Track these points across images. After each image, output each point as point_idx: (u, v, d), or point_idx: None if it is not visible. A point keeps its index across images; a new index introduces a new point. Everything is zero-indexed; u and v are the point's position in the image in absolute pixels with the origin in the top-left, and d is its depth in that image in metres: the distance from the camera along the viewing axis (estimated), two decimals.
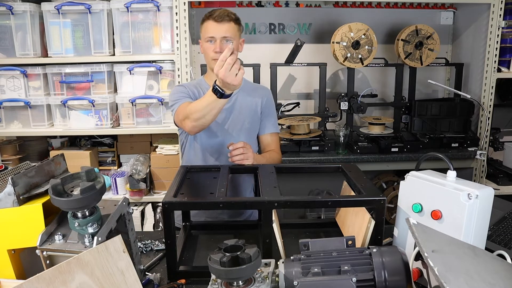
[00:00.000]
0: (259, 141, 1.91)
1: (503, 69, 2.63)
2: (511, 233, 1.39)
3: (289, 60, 2.55)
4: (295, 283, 0.97)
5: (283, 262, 1.04)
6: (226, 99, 1.47)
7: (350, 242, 1.10)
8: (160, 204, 1.98)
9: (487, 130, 2.64)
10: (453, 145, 2.60)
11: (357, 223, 1.36)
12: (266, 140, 1.89)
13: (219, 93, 1.43)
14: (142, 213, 2.69)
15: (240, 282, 0.99)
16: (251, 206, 1.50)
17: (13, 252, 1.14)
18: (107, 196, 2.55)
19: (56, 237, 1.06)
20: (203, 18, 1.77)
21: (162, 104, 2.55)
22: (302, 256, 1.05)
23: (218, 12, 1.72)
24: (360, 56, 2.53)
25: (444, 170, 1.21)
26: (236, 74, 1.39)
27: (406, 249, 1.19)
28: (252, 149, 1.73)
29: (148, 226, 2.69)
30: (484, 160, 2.62)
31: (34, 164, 1.26)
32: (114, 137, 2.82)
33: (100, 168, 2.80)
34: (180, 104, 1.70)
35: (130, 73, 2.53)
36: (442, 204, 1.14)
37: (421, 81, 2.87)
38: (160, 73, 2.54)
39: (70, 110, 2.55)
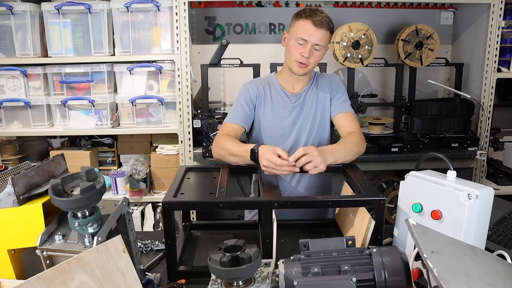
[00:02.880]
0: (335, 125, 1.81)
1: (503, 69, 2.63)
2: (511, 233, 1.39)
3: None
4: (295, 283, 0.97)
5: (283, 262, 1.04)
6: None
7: (350, 242, 1.10)
8: (160, 204, 1.98)
9: (487, 130, 2.64)
10: (453, 145, 2.60)
11: (357, 223, 1.36)
12: (339, 121, 1.76)
13: (253, 158, 1.48)
14: (142, 213, 2.69)
15: (240, 282, 1.00)
16: (251, 206, 1.51)
17: (13, 252, 1.14)
18: (107, 196, 2.55)
19: (56, 237, 1.06)
20: (300, 14, 1.68)
21: (162, 104, 2.55)
22: (302, 256, 1.05)
23: (320, 17, 1.64)
24: (360, 56, 2.53)
25: (444, 170, 1.21)
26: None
27: (406, 249, 1.19)
28: (321, 142, 1.77)
29: (148, 226, 2.69)
30: (484, 160, 2.62)
31: (34, 164, 1.26)
32: (114, 137, 2.81)
33: (100, 168, 2.80)
34: (227, 124, 1.75)
35: (130, 73, 2.53)
36: (442, 204, 1.14)
37: (421, 81, 2.87)
38: (160, 73, 2.54)
39: (70, 110, 2.55)
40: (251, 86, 1.81)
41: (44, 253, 1.05)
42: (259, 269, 1.04)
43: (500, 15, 2.50)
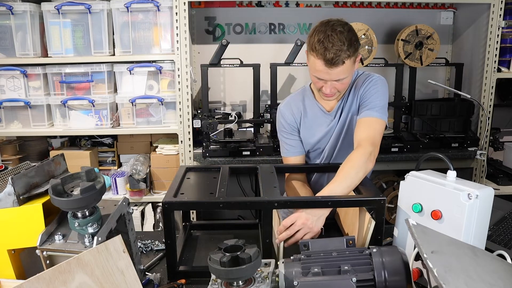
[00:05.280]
0: None
1: (503, 69, 2.63)
2: (511, 233, 1.39)
3: (289, 60, 2.55)
4: (295, 283, 0.97)
5: (283, 262, 1.04)
6: None
7: (350, 242, 1.11)
8: (160, 204, 1.98)
9: (487, 130, 2.64)
10: (453, 145, 2.60)
11: (357, 223, 1.36)
12: (356, 127, 1.55)
13: None
14: (142, 213, 2.69)
15: (240, 282, 0.99)
16: (251, 206, 1.51)
17: (13, 252, 1.14)
18: (107, 196, 2.55)
19: (56, 237, 1.06)
20: (311, 47, 1.44)
21: (162, 104, 2.55)
22: (302, 256, 1.05)
23: (332, 53, 1.39)
24: (360, 56, 2.53)
25: (444, 170, 1.21)
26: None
27: (406, 249, 1.19)
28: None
29: (148, 226, 2.69)
30: (484, 160, 2.62)
31: (34, 164, 1.26)
32: (114, 137, 2.81)
33: (100, 168, 2.80)
34: (286, 159, 1.72)
35: (130, 73, 2.53)
36: (442, 204, 1.14)
37: (421, 81, 2.87)
38: (160, 73, 2.54)
39: (70, 110, 2.55)
40: (285, 114, 1.70)
41: (44, 253, 1.05)
42: (259, 269, 1.04)
43: (500, 15, 2.50)
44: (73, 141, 2.87)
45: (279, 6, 2.90)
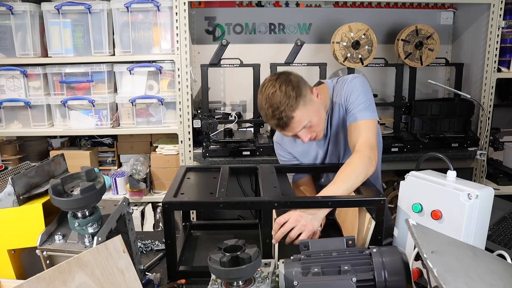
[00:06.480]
0: None
1: (503, 69, 2.63)
2: (511, 233, 1.39)
3: (289, 60, 2.55)
4: (295, 283, 0.97)
5: (283, 262, 1.04)
6: None
7: (350, 242, 1.10)
8: (160, 204, 1.98)
9: (487, 130, 2.64)
10: (453, 145, 2.60)
11: (357, 223, 1.36)
12: (349, 134, 1.52)
13: None
14: (142, 213, 2.69)
15: (240, 282, 1.00)
16: (251, 206, 1.51)
17: (13, 252, 1.14)
18: (107, 196, 2.55)
19: (56, 237, 1.06)
20: (261, 114, 1.48)
21: (162, 104, 2.55)
22: (302, 256, 1.05)
23: (275, 119, 1.40)
24: (360, 56, 2.53)
25: (444, 170, 1.21)
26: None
27: (406, 249, 1.18)
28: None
29: (148, 226, 2.69)
30: (484, 160, 2.62)
31: (34, 164, 1.26)
32: (114, 137, 2.82)
33: (100, 168, 2.80)
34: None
35: (130, 73, 2.53)
36: (442, 204, 1.14)
37: (421, 81, 2.87)
38: (160, 73, 2.54)
39: (70, 110, 2.55)
40: (281, 147, 1.73)
41: (44, 253, 1.05)
42: (259, 269, 1.04)
43: (500, 15, 2.50)
44: (73, 141, 2.87)
45: (279, 6, 2.90)
